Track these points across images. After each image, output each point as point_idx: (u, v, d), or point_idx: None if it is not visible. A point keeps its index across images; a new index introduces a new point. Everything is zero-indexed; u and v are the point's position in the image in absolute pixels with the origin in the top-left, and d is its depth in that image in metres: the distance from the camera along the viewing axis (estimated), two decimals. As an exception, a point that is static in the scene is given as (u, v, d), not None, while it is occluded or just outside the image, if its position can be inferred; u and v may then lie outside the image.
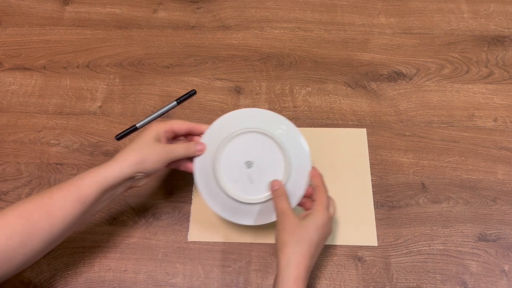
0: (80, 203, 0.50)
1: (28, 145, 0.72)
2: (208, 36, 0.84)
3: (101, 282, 0.61)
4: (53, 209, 0.49)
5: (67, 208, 0.49)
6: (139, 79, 0.79)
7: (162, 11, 0.87)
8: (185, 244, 0.64)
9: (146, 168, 0.54)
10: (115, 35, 0.84)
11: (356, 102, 0.76)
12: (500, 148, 0.71)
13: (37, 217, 0.48)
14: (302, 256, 0.51)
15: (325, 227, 0.53)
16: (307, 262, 0.51)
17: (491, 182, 0.68)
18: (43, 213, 0.48)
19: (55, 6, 0.88)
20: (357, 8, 0.87)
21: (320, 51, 0.82)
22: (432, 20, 0.85)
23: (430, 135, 0.72)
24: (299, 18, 0.86)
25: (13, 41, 0.84)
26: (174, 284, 0.61)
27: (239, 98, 0.77)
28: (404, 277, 0.61)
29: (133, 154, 0.54)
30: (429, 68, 0.79)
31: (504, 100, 0.76)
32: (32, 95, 0.77)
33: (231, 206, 0.59)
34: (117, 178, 0.52)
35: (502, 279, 0.61)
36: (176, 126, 0.58)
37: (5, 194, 0.68)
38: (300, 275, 0.50)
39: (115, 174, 0.52)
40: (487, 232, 0.64)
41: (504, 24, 0.84)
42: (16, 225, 0.47)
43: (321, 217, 0.53)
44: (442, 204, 0.67)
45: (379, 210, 0.66)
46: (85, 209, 0.51)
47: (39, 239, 0.48)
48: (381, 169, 0.70)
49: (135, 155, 0.54)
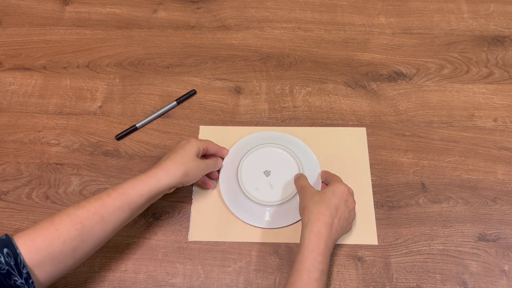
0: (130, 209, 0.54)
1: (28, 145, 0.72)
2: (208, 36, 0.84)
3: (101, 282, 0.61)
4: (105, 216, 0.52)
5: (118, 214, 0.53)
6: (139, 79, 0.79)
7: (162, 11, 0.87)
8: (185, 244, 0.64)
9: (188, 181, 0.60)
10: (115, 35, 0.84)
11: (356, 102, 0.76)
12: (500, 148, 0.71)
13: (90, 223, 0.51)
14: (321, 213, 0.55)
15: (343, 193, 0.59)
16: (326, 219, 0.55)
17: (491, 182, 0.68)
18: (96, 219, 0.51)
19: (55, 6, 0.88)
20: (357, 8, 0.87)
21: (320, 51, 0.82)
22: (432, 20, 0.85)
23: (430, 135, 0.72)
24: (299, 18, 0.86)
25: (13, 41, 0.84)
26: (174, 284, 0.61)
27: (239, 98, 0.77)
28: (404, 277, 0.61)
29: (180, 167, 0.58)
30: (429, 68, 0.79)
31: (504, 100, 0.76)
32: (32, 95, 0.77)
33: (254, 210, 0.66)
34: (163, 187, 0.57)
35: (502, 279, 0.61)
36: (210, 147, 0.66)
37: (5, 194, 0.68)
38: (320, 230, 0.54)
39: (163, 184, 0.57)
40: (487, 232, 0.64)
41: (504, 24, 0.84)
42: (71, 231, 0.49)
43: (337, 185, 0.60)
44: (442, 204, 0.67)
45: (379, 210, 0.66)
46: (132, 214, 0.56)
47: (91, 243, 0.52)
48: (381, 169, 0.70)
49: (182, 168, 0.58)
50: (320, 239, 0.53)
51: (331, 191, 0.59)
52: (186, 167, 0.59)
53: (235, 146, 0.71)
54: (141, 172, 0.69)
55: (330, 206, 0.56)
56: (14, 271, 0.45)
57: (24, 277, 0.45)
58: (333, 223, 0.56)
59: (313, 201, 0.57)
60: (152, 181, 0.56)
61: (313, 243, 0.53)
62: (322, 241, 0.53)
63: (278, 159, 0.69)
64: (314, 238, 0.53)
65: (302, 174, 0.66)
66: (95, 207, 0.52)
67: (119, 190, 0.54)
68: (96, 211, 0.51)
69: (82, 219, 0.50)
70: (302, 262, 0.52)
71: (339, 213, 0.57)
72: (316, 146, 0.72)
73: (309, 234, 0.54)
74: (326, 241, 0.54)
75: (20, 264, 0.45)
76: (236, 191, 0.67)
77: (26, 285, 0.46)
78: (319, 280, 0.52)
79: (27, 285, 0.46)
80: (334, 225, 0.56)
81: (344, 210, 0.58)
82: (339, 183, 0.60)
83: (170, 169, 0.58)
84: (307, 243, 0.53)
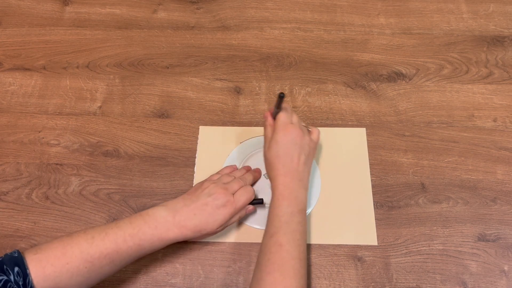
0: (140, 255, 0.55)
1: (28, 145, 0.72)
2: (208, 36, 0.84)
3: (101, 282, 0.61)
4: (115, 260, 0.52)
5: (128, 260, 0.54)
6: (139, 80, 0.79)
7: (162, 12, 0.87)
8: (185, 244, 0.64)
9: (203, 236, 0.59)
10: (115, 36, 0.84)
11: (356, 102, 0.76)
12: (499, 148, 0.71)
13: (100, 264, 0.51)
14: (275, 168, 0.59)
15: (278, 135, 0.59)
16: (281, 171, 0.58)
17: (491, 182, 0.68)
18: (107, 261, 0.51)
19: (55, 6, 0.88)
20: (356, 8, 0.87)
21: (320, 52, 0.82)
22: (432, 20, 0.85)
23: (429, 135, 0.73)
24: (298, 19, 0.86)
25: (13, 41, 0.84)
26: (174, 284, 0.61)
27: (239, 98, 0.77)
28: (403, 277, 0.61)
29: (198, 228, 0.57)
30: (428, 68, 0.79)
31: (503, 100, 0.76)
32: (32, 95, 0.77)
33: (256, 213, 0.66)
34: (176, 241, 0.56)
35: (501, 279, 0.61)
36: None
37: (5, 194, 0.68)
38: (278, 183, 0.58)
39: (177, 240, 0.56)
40: (486, 232, 0.64)
41: (503, 24, 0.84)
42: (81, 268, 0.50)
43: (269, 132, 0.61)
44: (442, 204, 0.67)
45: (379, 210, 0.66)
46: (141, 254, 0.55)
47: (97, 279, 0.52)
48: (380, 169, 0.70)
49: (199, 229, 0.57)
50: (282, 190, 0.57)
51: (268, 143, 0.60)
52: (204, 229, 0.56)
53: (236, 149, 0.71)
54: (141, 172, 0.69)
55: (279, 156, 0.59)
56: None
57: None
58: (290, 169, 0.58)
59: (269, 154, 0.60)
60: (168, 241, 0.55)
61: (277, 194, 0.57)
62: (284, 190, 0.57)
63: None
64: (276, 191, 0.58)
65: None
66: (108, 250, 0.51)
67: (137, 241, 0.53)
68: (108, 254, 0.51)
69: (93, 258, 0.50)
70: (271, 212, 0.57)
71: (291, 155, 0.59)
72: (316, 146, 0.72)
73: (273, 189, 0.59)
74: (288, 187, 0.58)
75: (28, 285, 0.46)
76: None
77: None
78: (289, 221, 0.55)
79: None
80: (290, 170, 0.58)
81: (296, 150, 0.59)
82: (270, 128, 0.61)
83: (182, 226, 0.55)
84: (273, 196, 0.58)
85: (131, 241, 0.52)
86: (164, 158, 0.71)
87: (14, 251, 0.49)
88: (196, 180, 0.69)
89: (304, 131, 0.61)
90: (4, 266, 0.46)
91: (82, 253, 0.50)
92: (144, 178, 0.69)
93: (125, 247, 0.52)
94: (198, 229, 0.56)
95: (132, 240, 0.52)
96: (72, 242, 0.51)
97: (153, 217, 0.54)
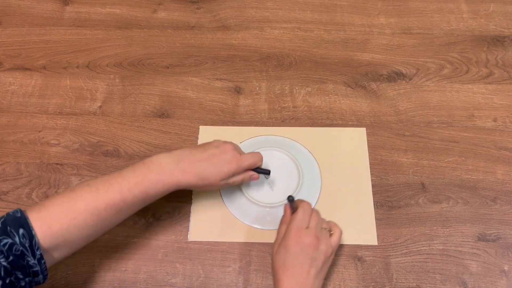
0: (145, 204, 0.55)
1: (28, 145, 0.72)
2: (208, 36, 0.84)
3: (101, 282, 0.61)
4: (122, 210, 0.52)
5: (134, 208, 0.54)
6: (139, 79, 0.79)
7: (162, 11, 0.87)
8: (185, 244, 0.64)
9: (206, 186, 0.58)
10: (115, 35, 0.84)
11: (356, 102, 0.76)
12: (499, 148, 0.71)
13: (107, 214, 0.51)
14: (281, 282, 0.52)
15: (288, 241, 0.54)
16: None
17: (491, 182, 0.68)
18: (113, 212, 0.51)
19: (55, 6, 0.88)
20: (357, 8, 0.87)
21: (320, 51, 0.82)
22: (432, 20, 0.85)
23: (429, 135, 0.73)
24: (299, 18, 0.86)
25: (13, 41, 0.84)
26: (174, 284, 0.61)
27: (239, 98, 0.77)
28: (403, 277, 0.61)
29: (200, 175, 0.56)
30: (428, 68, 0.79)
31: (503, 100, 0.76)
32: (32, 95, 0.77)
33: (256, 212, 0.66)
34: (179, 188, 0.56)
35: (501, 279, 0.61)
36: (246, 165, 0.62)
37: (5, 194, 0.68)
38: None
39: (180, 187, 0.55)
40: (486, 232, 0.64)
41: (504, 24, 0.84)
42: (88, 222, 0.49)
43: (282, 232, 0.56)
44: (442, 204, 0.67)
45: (379, 210, 0.66)
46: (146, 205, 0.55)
47: (105, 229, 0.53)
48: (381, 169, 0.70)
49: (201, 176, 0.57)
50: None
51: (276, 249, 0.55)
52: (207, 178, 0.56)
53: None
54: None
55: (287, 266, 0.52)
56: (27, 252, 0.45)
57: (37, 258, 0.45)
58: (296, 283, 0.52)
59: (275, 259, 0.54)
60: (171, 185, 0.54)
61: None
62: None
63: (278, 161, 0.69)
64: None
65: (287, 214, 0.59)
66: (114, 200, 0.51)
67: (142, 188, 0.52)
68: (115, 204, 0.51)
69: (99, 211, 0.50)
70: None
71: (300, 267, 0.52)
72: (316, 146, 0.72)
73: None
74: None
75: (35, 246, 0.45)
76: (236, 192, 0.67)
77: (39, 265, 0.45)
78: None
79: (39, 265, 0.46)
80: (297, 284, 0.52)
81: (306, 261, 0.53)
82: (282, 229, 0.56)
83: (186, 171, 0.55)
84: None
85: (136, 189, 0.52)
86: (164, 158, 0.71)
87: (16, 210, 0.47)
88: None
89: (321, 237, 0.55)
90: (8, 228, 0.45)
91: (88, 207, 0.49)
92: (144, 178, 0.69)
93: (131, 195, 0.52)
94: (201, 176, 0.55)
95: (137, 188, 0.52)
96: (76, 197, 0.50)
97: (157, 163, 0.54)
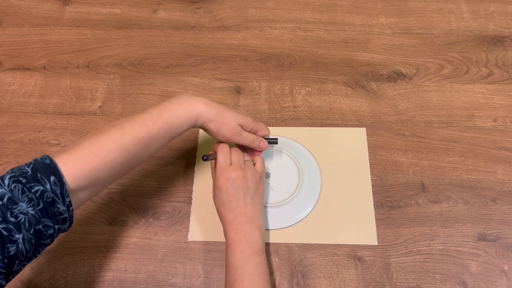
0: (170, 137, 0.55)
1: (28, 145, 0.72)
2: (208, 36, 0.84)
3: (101, 282, 0.61)
4: (148, 144, 0.53)
5: (160, 142, 0.54)
6: (139, 79, 0.79)
7: (162, 11, 0.87)
8: (185, 244, 0.64)
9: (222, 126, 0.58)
10: (115, 35, 0.84)
11: (356, 102, 0.76)
12: (500, 148, 0.71)
13: (134, 150, 0.51)
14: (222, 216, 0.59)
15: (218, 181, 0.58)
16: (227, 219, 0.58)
17: (491, 182, 0.68)
18: (141, 146, 0.52)
19: (55, 6, 0.88)
20: (357, 8, 0.87)
21: (320, 51, 0.82)
22: (432, 20, 0.85)
23: (430, 135, 0.73)
24: (299, 18, 0.86)
25: (13, 41, 0.84)
26: (174, 284, 0.61)
27: (239, 98, 0.77)
28: (404, 277, 0.61)
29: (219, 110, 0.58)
30: (429, 68, 0.79)
31: (504, 100, 0.76)
32: (32, 95, 0.77)
33: None
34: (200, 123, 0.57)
35: (502, 279, 0.61)
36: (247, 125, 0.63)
37: (5, 194, 0.68)
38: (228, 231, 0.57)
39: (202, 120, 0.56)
40: (486, 232, 0.64)
41: (504, 24, 0.84)
42: (118, 159, 0.50)
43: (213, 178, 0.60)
44: (442, 204, 0.67)
45: (379, 210, 0.66)
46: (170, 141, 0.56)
47: (132, 166, 0.54)
48: (381, 169, 0.70)
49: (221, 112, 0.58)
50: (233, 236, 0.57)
51: (217, 187, 0.59)
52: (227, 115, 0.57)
53: None
54: (141, 172, 0.69)
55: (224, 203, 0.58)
56: (58, 199, 0.45)
57: (67, 204, 0.46)
58: (237, 213, 0.57)
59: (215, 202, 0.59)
60: (192, 115, 0.55)
61: (229, 241, 0.57)
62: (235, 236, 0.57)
63: (278, 161, 0.69)
64: (227, 238, 0.57)
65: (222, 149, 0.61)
66: (141, 134, 0.51)
67: (165, 118, 0.53)
68: (142, 138, 0.51)
69: (128, 146, 0.50)
70: (226, 261, 0.56)
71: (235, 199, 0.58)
72: (316, 146, 0.72)
73: (224, 236, 0.58)
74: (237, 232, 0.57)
75: (65, 193, 0.45)
76: None
77: (67, 211, 0.46)
78: (245, 266, 0.54)
79: (68, 212, 0.46)
80: (238, 215, 0.57)
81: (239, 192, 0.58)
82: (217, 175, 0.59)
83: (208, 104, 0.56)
84: (227, 243, 0.57)
85: (160, 120, 0.53)
86: (164, 158, 0.71)
87: (44, 157, 0.47)
88: (196, 180, 0.69)
89: (246, 168, 0.60)
90: (38, 175, 0.45)
91: (117, 143, 0.50)
92: (144, 178, 0.69)
93: (156, 127, 0.52)
94: (221, 112, 0.57)
95: (161, 118, 0.53)
96: (104, 136, 0.50)
97: (177, 97, 0.56)
